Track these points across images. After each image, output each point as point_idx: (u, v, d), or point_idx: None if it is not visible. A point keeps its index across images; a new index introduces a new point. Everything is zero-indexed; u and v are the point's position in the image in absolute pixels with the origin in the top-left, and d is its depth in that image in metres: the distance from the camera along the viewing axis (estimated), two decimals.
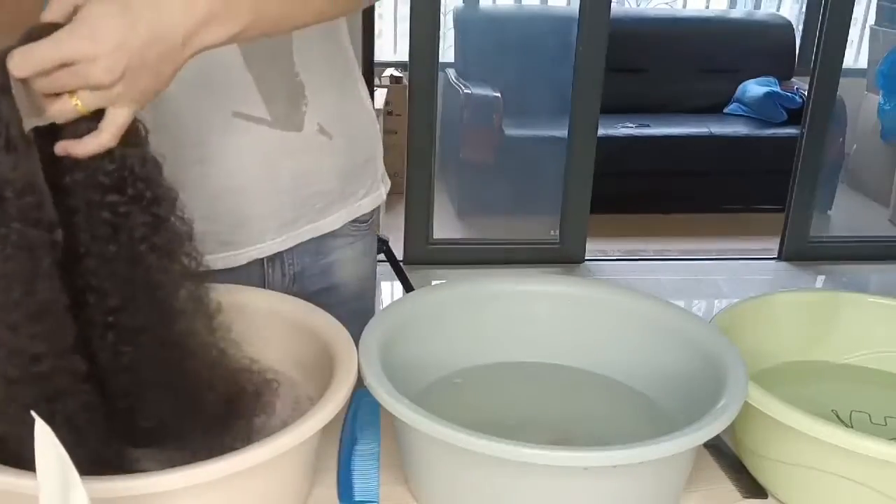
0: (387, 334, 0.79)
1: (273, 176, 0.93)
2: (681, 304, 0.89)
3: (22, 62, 0.57)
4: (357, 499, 0.74)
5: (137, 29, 0.58)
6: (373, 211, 1.07)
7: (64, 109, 0.59)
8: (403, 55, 3.41)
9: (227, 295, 0.76)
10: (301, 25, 0.75)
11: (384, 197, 1.08)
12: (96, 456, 0.62)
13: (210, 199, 0.90)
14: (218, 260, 0.93)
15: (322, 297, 1.03)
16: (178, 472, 0.58)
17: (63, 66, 0.57)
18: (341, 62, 0.98)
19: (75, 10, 0.58)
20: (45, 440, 0.44)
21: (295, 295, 1.00)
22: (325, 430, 0.67)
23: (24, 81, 0.58)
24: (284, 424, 0.65)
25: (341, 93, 0.98)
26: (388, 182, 1.12)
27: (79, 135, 0.60)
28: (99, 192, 0.63)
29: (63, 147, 0.61)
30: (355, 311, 1.04)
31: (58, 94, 0.59)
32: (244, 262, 0.96)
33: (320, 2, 0.73)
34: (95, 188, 0.62)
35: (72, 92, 0.58)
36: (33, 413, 0.46)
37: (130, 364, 0.65)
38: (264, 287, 0.99)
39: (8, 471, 0.57)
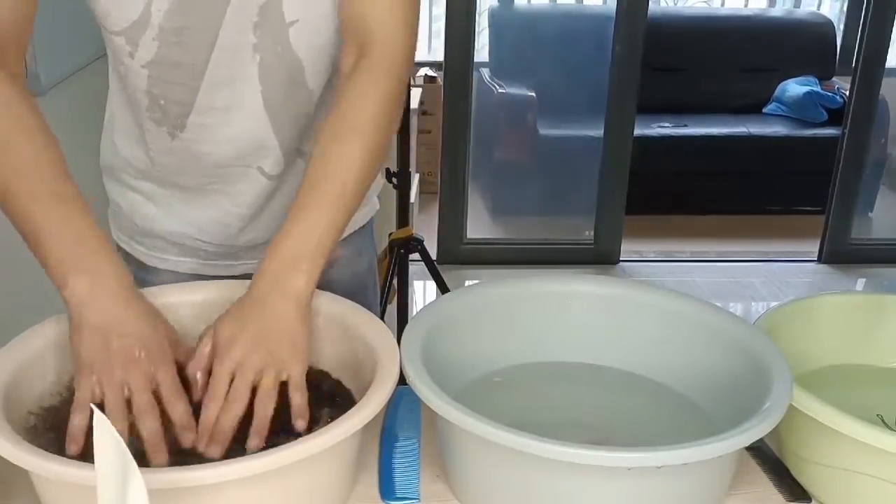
0: (428, 333, 0.80)
1: (268, 208, 0.98)
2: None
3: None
4: (398, 495, 0.75)
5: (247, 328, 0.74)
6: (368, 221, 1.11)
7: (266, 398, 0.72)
8: (437, 54, 3.42)
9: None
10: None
11: (377, 206, 1.12)
12: None
13: (221, 229, 0.99)
14: (219, 268, 1.02)
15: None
16: (227, 465, 0.60)
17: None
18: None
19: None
20: (104, 431, 0.45)
21: None
22: (367, 427, 0.68)
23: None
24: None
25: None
26: (381, 182, 1.14)
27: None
28: None
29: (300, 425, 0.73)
30: None
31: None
32: (240, 273, 1.03)
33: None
34: None
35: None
36: (92, 406, 0.47)
37: None
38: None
39: (70, 462, 0.59)
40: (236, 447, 0.69)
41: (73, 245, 0.72)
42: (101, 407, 0.68)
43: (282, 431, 0.71)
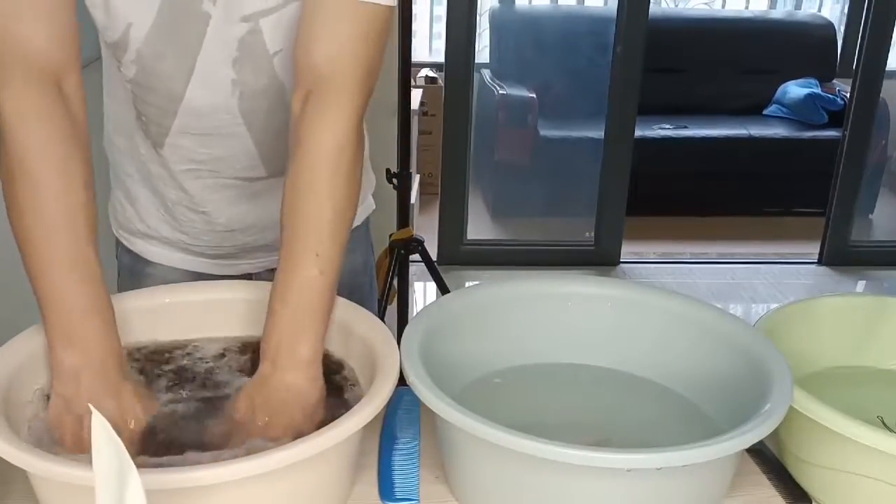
0: (428, 334, 0.80)
1: (265, 216, 0.98)
2: None
3: None
4: (397, 496, 0.75)
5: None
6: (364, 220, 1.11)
7: None
8: (438, 56, 3.42)
9: (265, 293, 0.78)
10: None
11: (373, 206, 1.12)
12: None
13: (213, 235, 0.99)
14: (221, 266, 1.03)
15: None
16: (226, 465, 0.60)
17: None
18: None
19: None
20: (102, 432, 0.45)
21: None
22: (366, 427, 0.68)
23: None
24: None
25: None
26: (374, 180, 1.14)
27: None
28: None
29: None
30: None
31: None
32: (242, 272, 1.04)
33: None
34: None
35: None
36: (90, 405, 0.47)
37: None
38: (251, 279, 1.03)
39: (68, 463, 0.59)
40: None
41: (76, 316, 0.72)
42: None
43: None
